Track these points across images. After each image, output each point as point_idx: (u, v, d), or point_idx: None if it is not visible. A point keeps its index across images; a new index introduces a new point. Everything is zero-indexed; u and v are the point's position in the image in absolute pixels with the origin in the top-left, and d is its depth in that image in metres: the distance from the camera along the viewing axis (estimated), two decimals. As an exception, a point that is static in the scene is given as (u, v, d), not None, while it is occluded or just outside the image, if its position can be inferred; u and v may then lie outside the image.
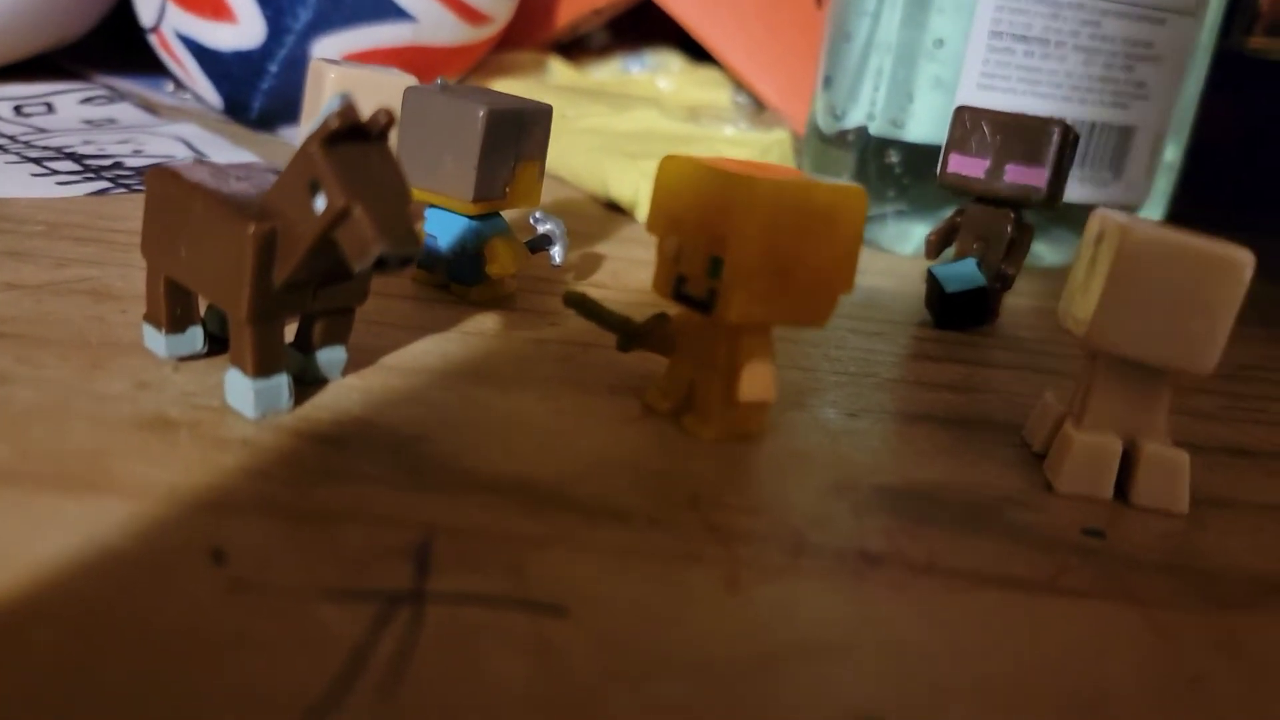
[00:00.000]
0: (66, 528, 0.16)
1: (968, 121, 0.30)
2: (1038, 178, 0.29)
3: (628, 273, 0.33)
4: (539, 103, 0.28)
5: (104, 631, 0.14)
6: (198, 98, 0.46)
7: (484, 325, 0.27)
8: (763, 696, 0.15)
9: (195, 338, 0.22)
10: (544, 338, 0.26)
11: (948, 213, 0.32)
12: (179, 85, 0.49)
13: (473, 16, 0.43)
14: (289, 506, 0.17)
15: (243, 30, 0.39)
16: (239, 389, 0.20)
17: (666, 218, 0.22)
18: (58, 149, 0.36)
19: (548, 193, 0.41)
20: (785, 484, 0.21)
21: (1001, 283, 0.31)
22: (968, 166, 0.30)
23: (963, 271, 0.30)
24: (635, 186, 0.39)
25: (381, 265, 0.18)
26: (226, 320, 0.23)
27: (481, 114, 0.26)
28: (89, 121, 0.41)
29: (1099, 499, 0.22)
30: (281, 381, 0.20)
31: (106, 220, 0.31)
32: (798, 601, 0.17)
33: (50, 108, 0.42)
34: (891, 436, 0.24)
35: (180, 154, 0.38)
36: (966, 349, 0.31)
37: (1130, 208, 0.40)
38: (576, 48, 0.56)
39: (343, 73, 0.30)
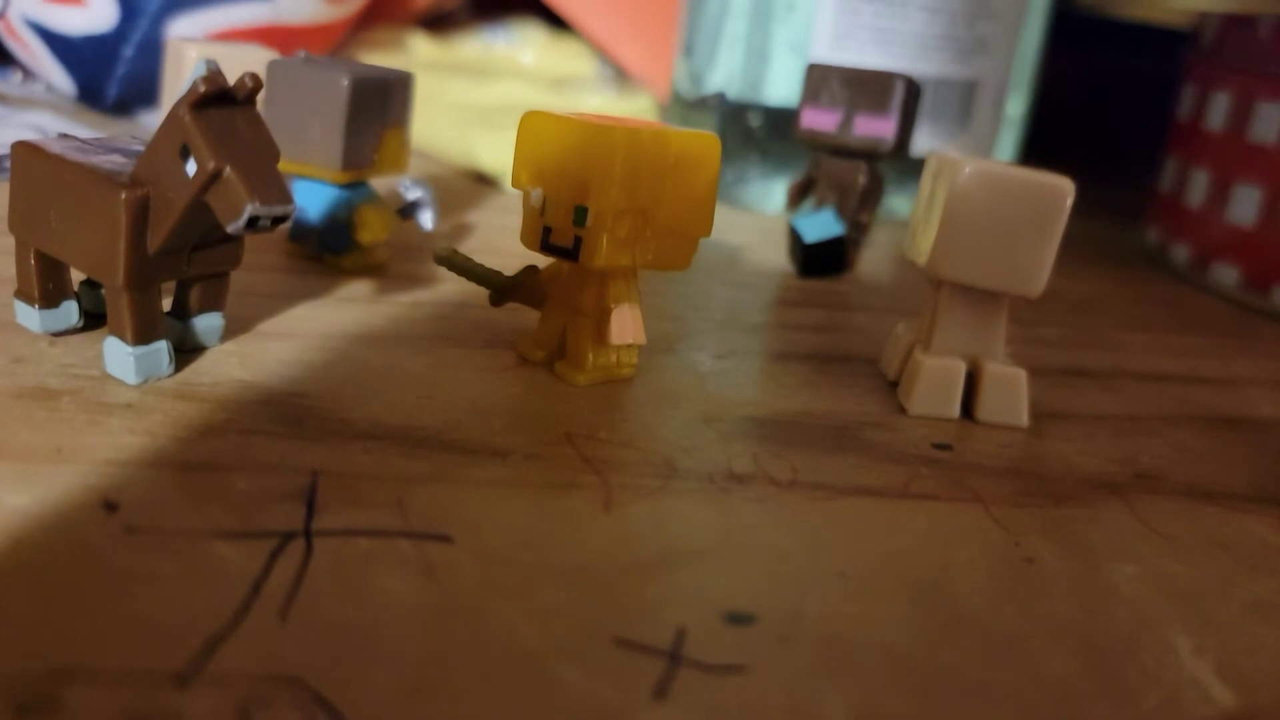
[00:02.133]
0: (-51, 490, 0.16)
1: (818, 77, 0.31)
2: (885, 128, 0.31)
3: (498, 239, 0.34)
4: (401, 70, 0.28)
5: (5, 579, 0.14)
6: (49, 86, 0.45)
7: (358, 291, 0.27)
8: (638, 598, 0.16)
9: (70, 312, 0.22)
10: (418, 300, 0.27)
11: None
12: (27, 74, 0.48)
13: (333, -5, 0.43)
14: (176, 460, 0.18)
15: (94, 13, 0.39)
16: (119, 356, 0.20)
17: (530, 171, 0.23)
18: (-95, 140, 0.35)
19: (415, 168, 0.41)
20: (656, 419, 0.22)
21: (857, 231, 0.33)
22: (821, 121, 0.32)
23: (821, 221, 0.32)
24: (502, 156, 0.40)
25: (254, 224, 0.19)
26: (101, 297, 0.23)
27: (346, 83, 0.26)
28: (-63, 113, 0.40)
29: (947, 417, 0.24)
30: (161, 347, 0.21)
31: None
32: (668, 516, 0.18)
33: (-107, 101, 0.41)
34: (757, 374, 0.25)
35: (37, 142, 0.37)
36: (827, 295, 0.32)
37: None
38: (437, 22, 0.56)
39: (203, 50, 0.30)
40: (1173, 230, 0.41)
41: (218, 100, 0.19)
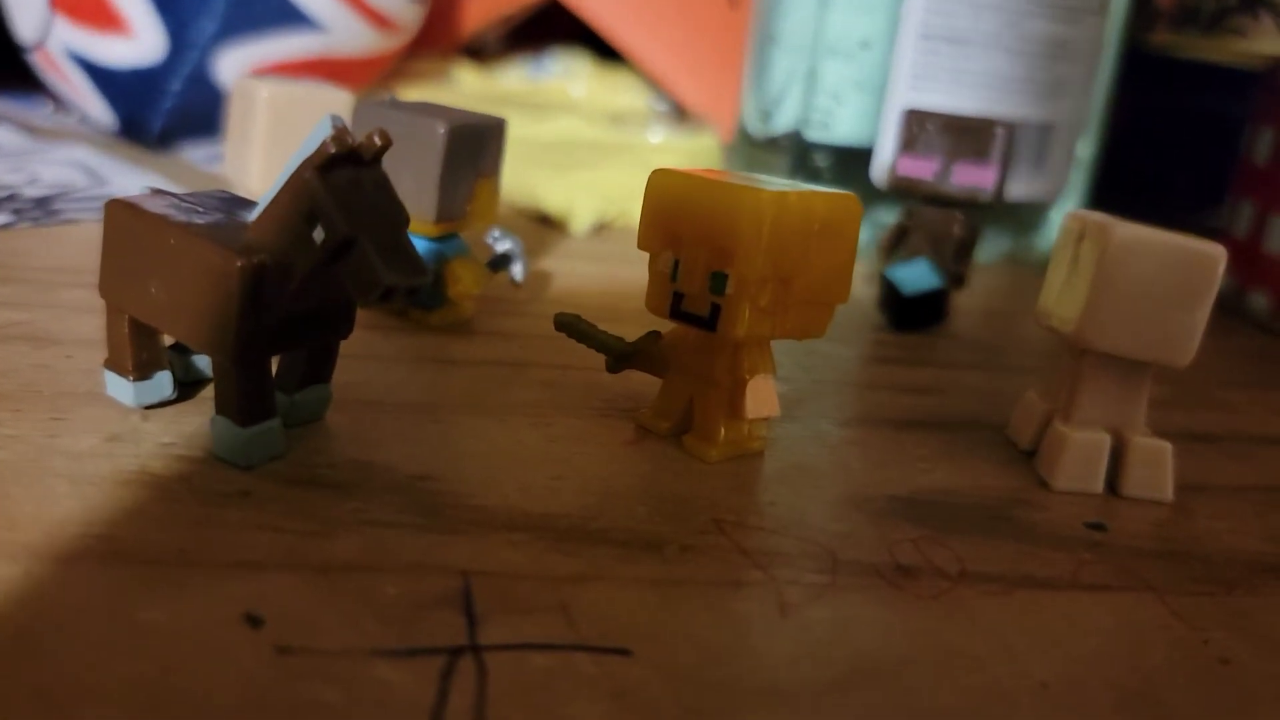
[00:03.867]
0: (87, 599, 0.15)
1: (916, 124, 0.30)
2: (986, 178, 0.30)
3: (570, 284, 0.32)
4: (493, 116, 0.27)
5: (160, 709, 0.13)
6: (85, 117, 0.43)
7: (451, 351, 0.26)
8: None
9: (164, 383, 0.21)
10: (519, 360, 0.26)
11: (877, 212, 0.33)
12: (59, 105, 0.46)
13: (383, 24, 0.41)
14: (312, 561, 0.16)
15: (141, 45, 0.37)
16: (228, 438, 0.19)
17: (660, 233, 0.21)
18: (-56, 179, 0.34)
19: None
20: (801, 501, 0.21)
21: (954, 282, 0.32)
22: (918, 169, 0.30)
23: (918, 273, 0.31)
24: (567, 197, 0.38)
25: (388, 296, 0.17)
26: (191, 364, 0.22)
27: (443, 131, 0.25)
28: (-30, 148, 0.38)
29: (1091, 492, 0.23)
30: (273, 427, 0.19)
31: (20, 257, 0.28)
32: (849, 622, 0.17)
33: (-78, 134, 0.39)
34: (886, 444, 0.24)
35: (79, 180, 0.35)
36: (928, 350, 0.31)
37: (1050, 201, 0.41)
38: (477, 53, 0.55)
39: (276, 91, 0.29)
40: (1249, 278, 0.40)
41: (345, 161, 0.18)
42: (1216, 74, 0.46)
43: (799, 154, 0.39)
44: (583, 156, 0.39)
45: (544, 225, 0.39)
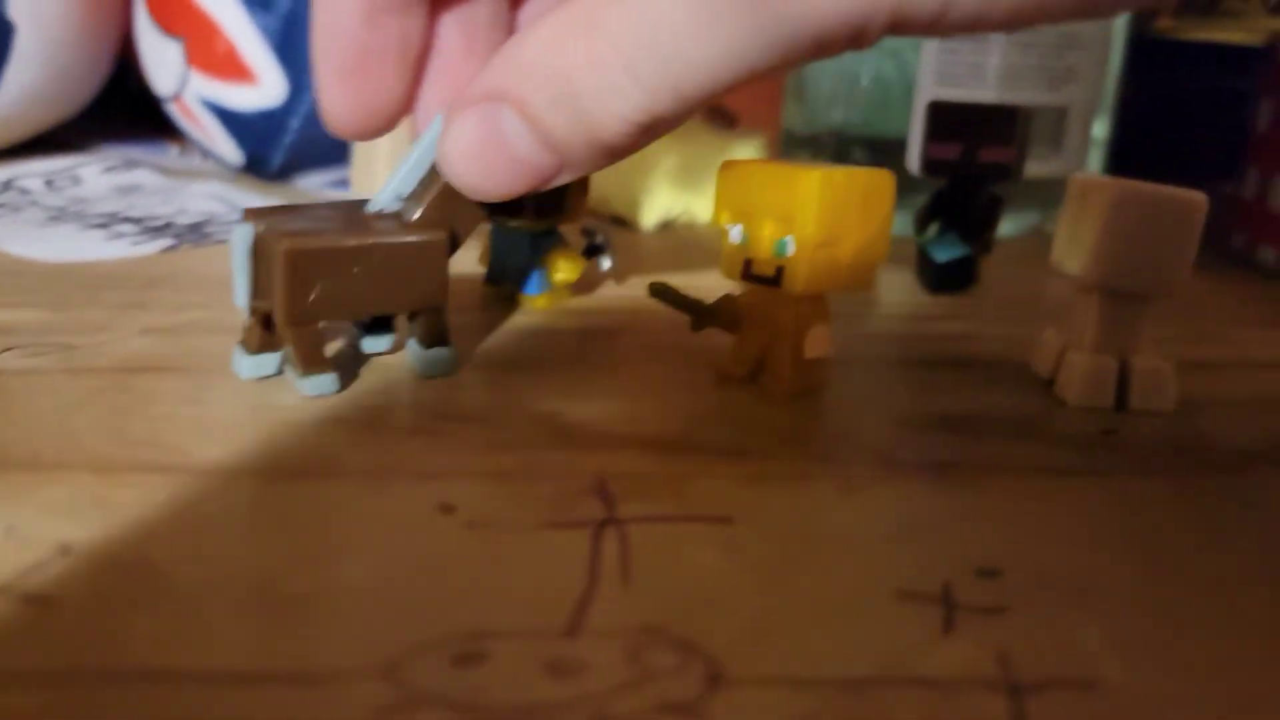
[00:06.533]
0: (311, 502, 0.20)
1: (940, 114, 0.35)
2: (1007, 156, 0.34)
3: (653, 273, 0.37)
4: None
5: (394, 563, 0.18)
6: (207, 155, 0.49)
7: (558, 323, 0.31)
8: (901, 561, 0.19)
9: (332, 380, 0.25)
10: (615, 328, 0.31)
11: (914, 196, 0.37)
12: (185, 148, 0.52)
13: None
14: (484, 470, 0.21)
15: (265, 90, 0.43)
16: (449, 358, 0.26)
17: (731, 210, 0.26)
18: (110, 214, 0.39)
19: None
20: (862, 421, 0.25)
21: (981, 250, 0.36)
22: (945, 152, 0.35)
23: (948, 243, 0.35)
24: (632, 198, 0.43)
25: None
26: (363, 338, 0.27)
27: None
28: (120, 189, 0.44)
29: (1104, 408, 0.27)
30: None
31: (188, 272, 0.34)
32: (901, 496, 0.21)
33: (77, 180, 0.45)
34: (927, 378, 0.28)
35: (219, 209, 0.41)
36: (960, 308, 0.35)
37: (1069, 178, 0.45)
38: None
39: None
40: (1259, 234, 0.44)
41: None
42: (1226, 53, 0.49)
43: (839, 150, 0.44)
44: (644, 159, 0.44)
45: (616, 224, 0.45)
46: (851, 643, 0.17)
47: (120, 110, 0.55)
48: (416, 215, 0.24)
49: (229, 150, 0.45)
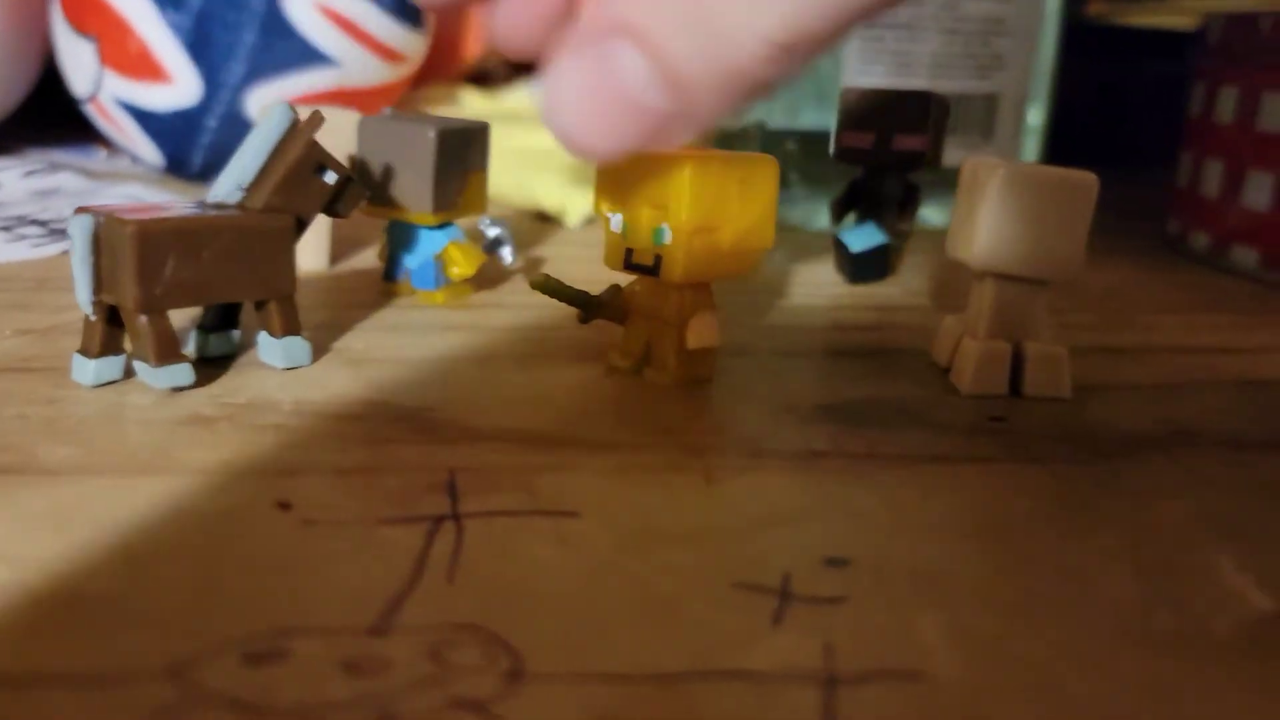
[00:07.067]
0: (146, 501, 0.19)
1: (853, 100, 0.34)
2: (920, 143, 0.34)
3: (567, 268, 0.36)
4: (478, 120, 0.31)
5: (213, 562, 0.17)
6: (134, 159, 0.48)
7: (453, 320, 0.30)
8: (748, 552, 0.18)
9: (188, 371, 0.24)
10: (508, 325, 0.30)
11: (840, 185, 0.37)
12: (112, 151, 0.52)
13: (391, 56, 0.46)
14: (332, 466, 0.21)
15: (179, 90, 0.42)
16: (301, 347, 0.25)
17: (610, 199, 0.25)
18: (18, 217, 0.39)
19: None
20: (740, 411, 0.25)
21: (898, 239, 0.35)
22: (858, 140, 0.34)
23: (865, 233, 0.35)
24: (559, 195, 0.42)
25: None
26: (208, 339, 0.26)
27: (433, 134, 0.29)
28: (38, 192, 0.43)
29: (998, 395, 0.26)
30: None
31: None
32: (762, 487, 0.21)
33: (-4, 184, 0.44)
34: (823, 369, 0.28)
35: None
36: (874, 298, 0.35)
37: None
38: (482, 79, 0.60)
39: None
40: (1191, 220, 0.43)
41: None
42: (1161, 38, 0.49)
43: (767, 142, 0.43)
44: (575, 160, 0.44)
45: (542, 221, 0.44)
46: (672, 636, 0.16)
47: (55, 114, 0.55)
48: (260, 203, 0.24)
49: (148, 151, 0.45)
